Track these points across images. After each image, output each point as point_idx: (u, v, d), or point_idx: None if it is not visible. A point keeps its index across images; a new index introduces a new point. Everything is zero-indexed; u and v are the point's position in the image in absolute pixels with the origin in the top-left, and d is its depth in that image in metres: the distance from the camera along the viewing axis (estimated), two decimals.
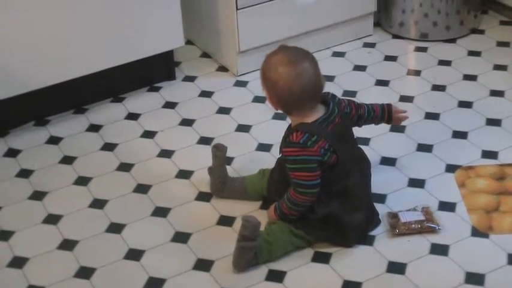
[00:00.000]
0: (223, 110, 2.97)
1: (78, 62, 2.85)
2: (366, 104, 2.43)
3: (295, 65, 2.17)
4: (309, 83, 2.17)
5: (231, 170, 2.60)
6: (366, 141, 2.72)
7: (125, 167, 2.68)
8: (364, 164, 2.36)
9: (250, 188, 2.48)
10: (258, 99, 3.00)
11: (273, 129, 2.80)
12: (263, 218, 2.38)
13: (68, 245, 2.38)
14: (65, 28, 2.77)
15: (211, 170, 2.53)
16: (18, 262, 2.33)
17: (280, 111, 2.28)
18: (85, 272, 2.28)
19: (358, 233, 2.31)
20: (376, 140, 2.74)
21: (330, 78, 3.07)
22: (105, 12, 2.82)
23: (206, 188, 2.55)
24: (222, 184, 2.50)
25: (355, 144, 2.36)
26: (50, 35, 2.75)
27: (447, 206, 2.43)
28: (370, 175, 2.38)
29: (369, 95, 2.99)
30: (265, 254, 2.25)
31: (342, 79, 3.08)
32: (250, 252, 2.23)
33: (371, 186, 2.39)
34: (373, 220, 2.36)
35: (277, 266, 2.25)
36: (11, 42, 2.70)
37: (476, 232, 2.34)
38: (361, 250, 2.30)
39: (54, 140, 2.85)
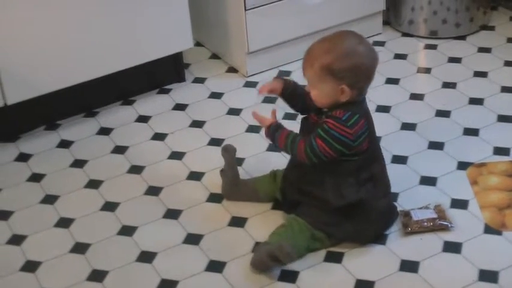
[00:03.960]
0: (233, 111, 2.96)
1: (88, 65, 2.85)
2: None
3: (364, 41, 2.23)
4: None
5: (241, 171, 2.59)
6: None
7: (136, 170, 2.69)
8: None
9: (261, 191, 2.46)
10: (267, 100, 2.99)
11: None
12: (274, 219, 2.39)
13: (80, 248, 2.38)
14: (74, 32, 2.78)
15: (222, 172, 2.52)
16: (30, 266, 2.33)
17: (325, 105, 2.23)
18: (97, 275, 2.28)
19: (381, 224, 2.30)
20: (387, 138, 2.73)
21: None
22: (114, 15, 2.82)
23: (217, 190, 2.55)
24: (234, 187, 2.49)
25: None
26: (59, 39, 2.76)
27: (459, 204, 2.42)
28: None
29: (379, 94, 2.98)
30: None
31: None
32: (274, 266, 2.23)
33: None
34: (393, 214, 2.35)
35: (290, 266, 2.24)
36: (20, 46, 2.70)
37: (489, 229, 2.33)
38: (373, 249, 2.29)
39: (65, 144, 2.85)
